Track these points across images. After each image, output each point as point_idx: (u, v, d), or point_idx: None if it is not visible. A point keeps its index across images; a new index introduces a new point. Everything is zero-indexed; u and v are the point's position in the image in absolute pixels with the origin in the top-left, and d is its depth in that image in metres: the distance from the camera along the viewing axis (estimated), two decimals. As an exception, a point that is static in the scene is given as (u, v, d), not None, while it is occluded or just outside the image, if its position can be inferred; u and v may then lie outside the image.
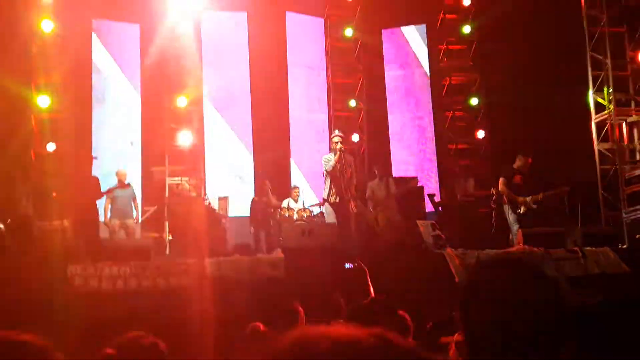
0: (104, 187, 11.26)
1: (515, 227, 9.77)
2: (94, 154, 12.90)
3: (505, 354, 1.71)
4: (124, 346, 2.91)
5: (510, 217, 9.92)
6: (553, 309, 1.72)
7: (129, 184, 11.80)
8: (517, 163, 10.05)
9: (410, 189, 12.24)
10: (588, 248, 8.82)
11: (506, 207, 10.04)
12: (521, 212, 9.77)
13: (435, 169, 15.25)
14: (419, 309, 5.18)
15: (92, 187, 9.98)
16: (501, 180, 10.04)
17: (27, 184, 11.38)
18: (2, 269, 7.41)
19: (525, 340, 1.70)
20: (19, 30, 12.61)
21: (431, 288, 7.72)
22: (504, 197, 10.00)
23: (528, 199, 9.73)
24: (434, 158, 15.36)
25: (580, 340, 1.79)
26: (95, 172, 12.12)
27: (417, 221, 9.76)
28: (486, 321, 1.75)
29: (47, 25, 12.62)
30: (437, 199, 13.85)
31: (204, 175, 13.66)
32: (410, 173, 14.58)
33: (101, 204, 11.32)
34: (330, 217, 9.54)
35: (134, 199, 11.82)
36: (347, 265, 8.32)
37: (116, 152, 13.63)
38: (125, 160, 13.51)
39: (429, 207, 13.29)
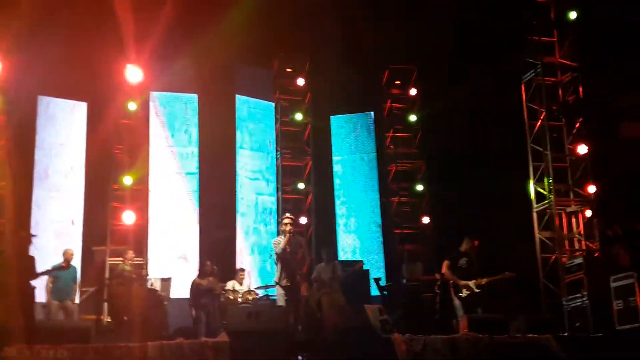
0: (46, 267, 10.86)
1: (460, 312, 9.65)
2: (33, 231, 12.50)
3: None
4: None
5: (455, 301, 9.82)
6: None
7: (71, 265, 11.50)
8: (464, 246, 9.93)
9: (355, 272, 12.18)
10: (530, 335, 8.84)
11: (452, 291, 9.93)
12: (463, 295, 9.67)
13: (381, 253, 15.34)
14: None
15: (28, 267, 9.59)
16: (445, 263, 9.93)
17: None
18: None
19: None
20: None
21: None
22: (449, 280, 9.90)
23: (471, 282, 9.66)
24: (380, 242, 15.46)
25: None
26: (34, 251, 11.74)
27: (365, 305, 9.64)
28: None
29: (-10, 101, 12.42)
30: (382, 283, 13.85)
31: (147, 255, 13.36)
32: (357, 257, 14.61)
33: (42, 283, 10.91)
34: (281, 300, 9.34)
35: (75, 280, 11.53)
36: (300, 359, 8.09)
37: (57, 230, 13.30)
38: (65, 239, 13.19)
39: (374, 291, 13.28)
